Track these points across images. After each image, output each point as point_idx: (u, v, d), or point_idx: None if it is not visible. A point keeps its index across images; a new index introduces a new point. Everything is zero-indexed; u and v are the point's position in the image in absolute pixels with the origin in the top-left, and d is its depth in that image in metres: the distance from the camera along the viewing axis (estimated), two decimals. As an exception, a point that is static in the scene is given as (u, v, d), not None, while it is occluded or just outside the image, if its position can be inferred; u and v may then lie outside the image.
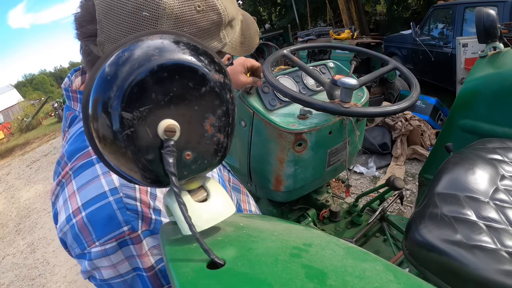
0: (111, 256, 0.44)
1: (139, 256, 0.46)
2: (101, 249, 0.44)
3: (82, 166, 0.47)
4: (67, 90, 0.55)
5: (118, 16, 0.43)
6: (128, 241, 0.45)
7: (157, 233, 0.47)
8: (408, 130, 3.15)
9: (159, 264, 0.48)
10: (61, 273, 2.81)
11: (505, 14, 3.44)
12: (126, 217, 0.44)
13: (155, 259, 0.47)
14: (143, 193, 0.46)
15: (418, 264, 0.73)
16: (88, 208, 0.44)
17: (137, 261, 0.46)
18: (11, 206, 4.99)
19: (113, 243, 0.44)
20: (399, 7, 9.34)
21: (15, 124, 17.07)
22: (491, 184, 0.85)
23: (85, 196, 0.45)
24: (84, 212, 0.44)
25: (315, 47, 1.31)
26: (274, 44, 8.37)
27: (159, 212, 0.47)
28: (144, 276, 0.47)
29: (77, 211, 0.44)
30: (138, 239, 0.45)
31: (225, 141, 0.32)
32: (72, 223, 0.44)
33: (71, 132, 0.54)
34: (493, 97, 1.22)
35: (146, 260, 0.46)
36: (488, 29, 1.26)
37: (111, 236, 0.44)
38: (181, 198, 0.28)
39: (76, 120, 0.54)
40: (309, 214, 1.38)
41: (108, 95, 0.26)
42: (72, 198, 0.46)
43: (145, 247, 0.46)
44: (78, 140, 0.50)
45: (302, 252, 0.29)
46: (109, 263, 0.45)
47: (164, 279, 0.49)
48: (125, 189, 0.45)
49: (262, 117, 1.00)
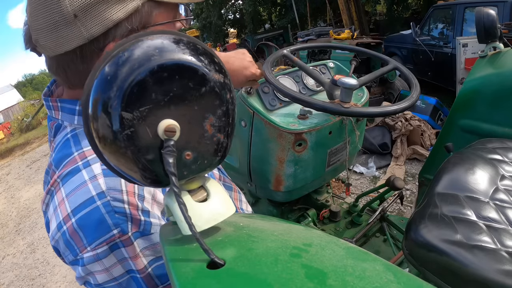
0: (103, 260, 0.44)
1: (131, 258, 0.46)
2: (93, 254, 0.44)
3: (69, 173, 0.47)
4: (47, 100, 0.55)
5: (33, 5, 0.45)
6: (119, 243, 0.44)
7: (147, 234, 0.46)
8: (408, 130, 3.15)
9: (152, 265, 0.48)
10: (61, 273, 2.81)
11: (505, 14, 3.44)
12: (115, 220, 0.44)
13: (147, 260, 0.47)
14: (131, 195, 0.46)
15: (418, 264, 0.73)
16: (77, 214, 0.44)
17: (129, 263, 0.46)
18: (11, 206, 4.99)
19: (104, 247, 0.44)
20: (399, 7, 9.33)
21: (15, 124, 17.06)
22: (491, 184, 0.85)
23: (73, 202, 0.45)
24: (74, 218, 0.44)
25: (315, 47, 1.31)
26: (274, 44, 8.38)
27: (148, 213, 0.47)
28: (138, 278, 0.47)
29: (67, 218, 0.44)
30: (128, 241, 0.45)
31: (225, 141, 0.32)
32: (63, 230, 0.44)
33: (57, 141, 0.53)
34: (493, 97, 1.22)
35: (139, 261, 0.46)
36: (488, 29, 1.26)
37: (102, 240, 0.43)
38: (181, 198, 0.28)
39: (60, 128, 0.54)
40: (309, 214, 1.38)
41: (108, 95, 0.26)
42: (61, 205, 0.45)
43: (136, 249, 0.46)
44: (64, 148, 0.50)
45: (302, 252, 0.29)
46: (102, 267, 0.45)
47: (158, 279, 0.49)
48: (112, 193, 0.44)
49: (262, 117, 1.00)
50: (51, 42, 0.45)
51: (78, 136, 0.51)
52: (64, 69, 0.49)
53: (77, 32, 0.44)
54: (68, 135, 0.51)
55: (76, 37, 0.45)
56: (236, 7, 16.23)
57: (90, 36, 0.45)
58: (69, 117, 0.53)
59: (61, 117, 0.54)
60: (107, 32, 0.46)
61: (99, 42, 0.46)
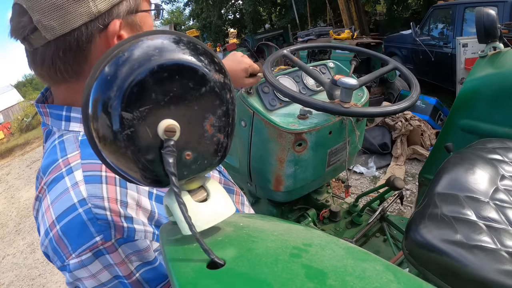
0: (88, 267, 0.44)
1: (117, 264, 0.46)
2: (77, 260, 0.44)
3: (53, 180, 0.47)
4: (38, 106, 0.55)
5: None
6: (103, 250, 0.44)
7: (131, 241, 0.46)
8: (408, 130, 3.15)
9: (139, 270, 0.47)
10: (61, 273, 2.80)
11: (505, 14, 3.43)
12: (97, 227, 0.44)
13: (134, 265, 0.47)
14: (112, 202, 0.45)
15: (418, 264, 0.73)
16: (61, 221, 0.44)
17: (115, 270, 0.46)
18: (11, 206, 4.99)
19: (88, 253, 0.44)
20: (399, 7, 9.33)
21: (15, 124, 17.05)
22: (491, 184, 0.85)
23: (57, 209, 0.45)
24: (58, 226, 0.44)
25: (315, 47, 1.31)
26: (274, 44, 8.38)
27: (131, 219, 0.46)
28: (126, 283, 0.47)
29: (52, 225, 0.45)
30: (112, 248, 0.45)
31: (225, 141, 0.32)
32: (50, 237, 0.45)
33: (46, 147, 0.54)
34: (493, 97, 1.22)
35: (125, 267, 0.46)
36: (488, 29, 1.26)
37: (85, 248, 0.43)
38: (181, 198, 0.28)
39: (50, 134, 0.55)
40: (309, 214, 1.38)
41: (108, 95, 0.26)
42: (47, 213, 0.46)
43: (121, 255, 0.46)
44: (51, 154, 0.50)
45: (302, 252, 0.29)
46: (88, 273, 0.45)
47: (148, 284, 0.48)
48: (93, 200, 0.44)
49: (262, 117, 1.00)
50: (56, 21, 0.45)
51: (65, 143, 0.51)
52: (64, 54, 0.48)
53: (86, 7, 0.45)
54: (56, 142, 0.52)
55: (85, 14, 0.46)
56: (236, 7, 16.23)
57: (98, 12, 0.46)
58: (57, 123, 0.53)
59: (50, 122, 0.54)
60: (111, 9, 0.48)
61: (104, 19, 0.47)
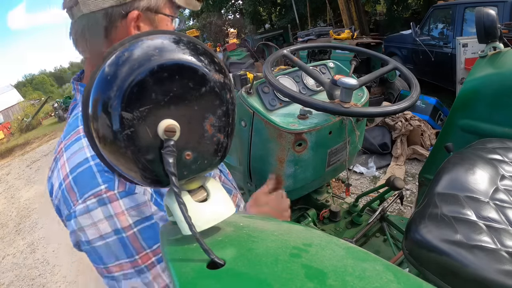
0: (91, 213, 0.50)
1: (116, 215, 0.50)
2: (83, 206, 0.50)
3: (72, 142, 0.55)
4: (73, 83, 0.64)
5: None
6: (106, 199, 0.50)
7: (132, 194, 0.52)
8: (408, 130, 3.15)
9: (137, 226, 0.52)
10: (61, 273, 2.81)
11: (505, 14, 3.43)
12: (104, 178, 0.50)
13: (133, 220, 0.51)
14: None
15: (418, 264, 0.73)
16: (74, 172, 0.51)
17: (115, 221, 0.50)
18: (11, 206, 4.99)
19: (92, 199, 0.50)
20: (399, 7, 9.33)
21: (15, 124, 17.05)
22: (491, 184, 0.85)
23: (72, 163, 0.52)
24: (71, 176, 0.51)
25: (315, 47, 1.31)
26: (274, 44, 8.38)
27: None
28: (124, 238, 0.50)
29: (66, 177, 0.52)
30: (114, 197, 0.50)
31: (225, 141, 0.32)
32: (62, 187, 0.52)
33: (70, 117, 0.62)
34: (493, 97, 1.22)
35: (123, 219, 0.51)
36: (488, 29, 1.26)
37: (91, 194, 0.50)
38: (181, 198, 0.28)
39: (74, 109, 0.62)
40: (309, 214, 1.38)
41: (108, 95, 0.26)
42: (63, 168, 0.53)
43: (121, 206, 0.51)
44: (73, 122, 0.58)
45: (302, 252, 0.29)
46: (90, 221, 0.50)
47: (145, 241, 0.52)
48: None
49: (262, 117, 1.00)
50: None
51: None
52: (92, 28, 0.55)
53: None
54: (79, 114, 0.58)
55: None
56: (236, 7, 16.23)
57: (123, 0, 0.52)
58: None
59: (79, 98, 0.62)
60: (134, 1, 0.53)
61: (126, 7, 0.53)
